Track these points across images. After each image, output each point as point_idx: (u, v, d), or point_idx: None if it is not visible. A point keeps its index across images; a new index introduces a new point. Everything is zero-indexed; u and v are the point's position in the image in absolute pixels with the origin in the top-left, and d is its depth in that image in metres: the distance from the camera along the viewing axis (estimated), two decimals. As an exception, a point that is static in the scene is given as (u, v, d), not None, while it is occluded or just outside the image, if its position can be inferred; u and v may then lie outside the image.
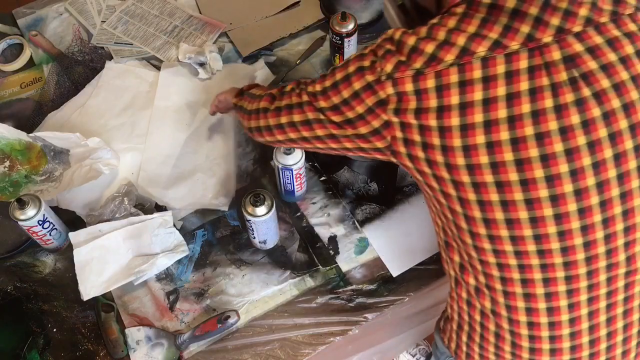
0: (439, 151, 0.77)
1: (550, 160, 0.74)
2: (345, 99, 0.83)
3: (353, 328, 1.10)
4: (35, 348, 1.08)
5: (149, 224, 1.13)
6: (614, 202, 0.76)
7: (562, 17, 0.74)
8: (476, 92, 0.74)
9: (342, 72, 0.85)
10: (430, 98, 0.76)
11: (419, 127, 0.77)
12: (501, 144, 0.74)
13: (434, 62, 0.75)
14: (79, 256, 1.10)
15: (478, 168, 0.75)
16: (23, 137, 1.25)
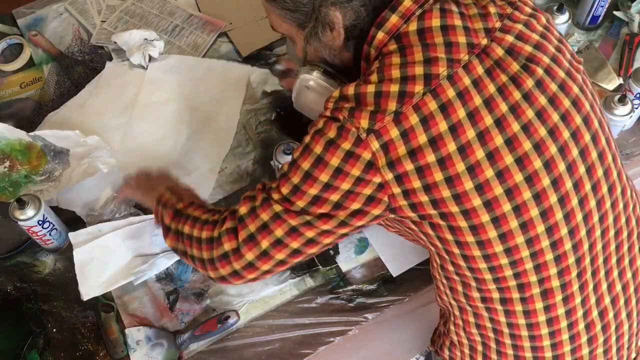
0: (444, 185, 0.75)
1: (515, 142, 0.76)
2: (326, 183, 0.77)
3: (353, 328, 1.10)
4: (35, 348, 1.08)
5: (149, 224, 1.13)
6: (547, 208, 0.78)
7: (482, 20, 0.78)
8: (458, 110, 0.74)
9: (307, 158, 0.78)
10: (418, 134, 0.74)
11: (417, 170, 0.75)
12: (499, 150, 0.75)
13: (406, 97, 0.74)
14: (78, 256, 1.10)
15: (487, 184, 0.76)
16: (23, 136, 1.25)
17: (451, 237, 0.80)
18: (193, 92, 1.36)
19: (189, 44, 1.45)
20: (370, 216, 0.80)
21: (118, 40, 1.40)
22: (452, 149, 0.74)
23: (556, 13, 1.30)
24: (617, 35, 1.44)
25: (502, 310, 0.86)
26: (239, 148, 1.30)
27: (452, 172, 0.75)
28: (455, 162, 0.74)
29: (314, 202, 0.79)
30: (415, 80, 0.74)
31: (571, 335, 0.86)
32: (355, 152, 0.75)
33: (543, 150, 0.76)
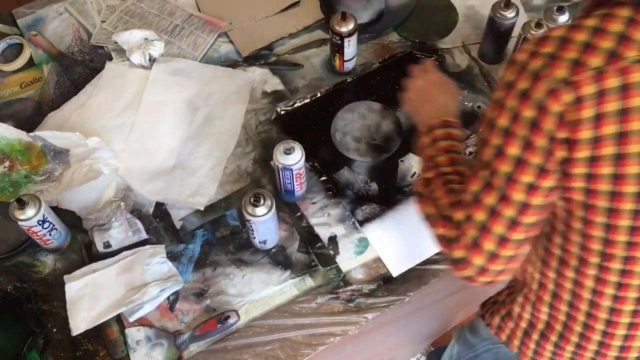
0: (610, 160, 0.71)
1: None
2: (519, 135, 0.74)
3: (353, 328, 1.10)
4: (35, 348, 1.08)
5: (141, 255, 1.13)
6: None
7: None
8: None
9: (503, 114, 0.75)
10: (611, 100, 0.69)
11: (594, 139, 0.70)
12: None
13: (615, 58, 0.68)
14: (70, 292, 1.09)
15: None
16: (23, 137, 1.25)
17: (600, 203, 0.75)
18: (197, 93, 1.36)
19: (189, 44, 1.45)
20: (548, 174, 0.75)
21: (118, 40, 1.40)
22: (637, 127, 0.69)
23: (556, 13, 1.30)
24: (617, 36, 1.44)
25: (589, 299, 0.83)
26: (239, 148, 1.30)
27: (622, 149, 0.70)
28: (631, 141, 0.70)
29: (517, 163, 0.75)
30: (632, 43, 0.68)
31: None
32: (546, 102, 0.71)
33: None
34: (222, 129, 1.32)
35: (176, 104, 1.35)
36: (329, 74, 1.41)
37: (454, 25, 1.48)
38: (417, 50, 1.44)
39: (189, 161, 1.28)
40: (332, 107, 1.35)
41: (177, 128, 1.32)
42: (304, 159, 1.12)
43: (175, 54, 1.44)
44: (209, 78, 1.39)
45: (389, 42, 1.46)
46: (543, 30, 1.27)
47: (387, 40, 1.46)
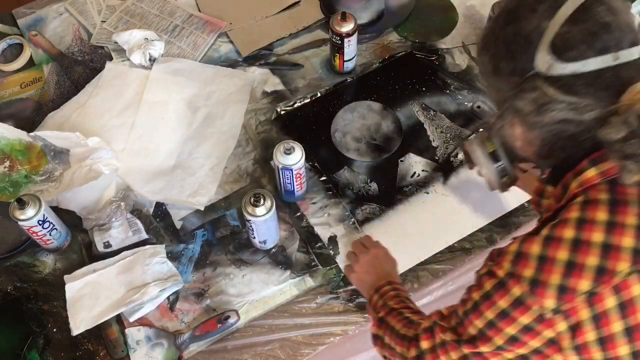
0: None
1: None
2: (500, 346, 0.72)
3: (353, 328, 1.10)
4: (35, 348, 1.08)
5: (141, 255, 1.13)
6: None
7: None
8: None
9: (479, 319, 0.73)
10: (613, 321, 0.65)
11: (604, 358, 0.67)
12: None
13: (605, 276, 0.65)
14: (70, 292, 1.10)
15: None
16: (23, 136, 1.25)
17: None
18: (197, 93, 1.36)
19: (189, 44, 1.45)
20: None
21: (118, 40, 1.40)
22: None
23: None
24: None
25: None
26: (239, 148, 1.30)
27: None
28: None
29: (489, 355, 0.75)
30: (620, 252, 0.64)
31: None
32: (536, 329, 0.68)
33: None
34: (222, 129, 1.32)
35: (176, 104, 1.35)
36: (329, 74, 1.41)
37: (454, 25, 1.48)
38: (417, 50, 1.44)
39: (189, 161, 1.28)
40: (332, 107, 1.35)
41: (177, 128, 1.32)
42: (304, 159, 1.12)
43: (175, 54, 1.44)
44: (209, 78, 1.39)
45: (389, 42, 1.46)
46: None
47: (387, 40, 1.46)
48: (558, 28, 0.68)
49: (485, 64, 0.78)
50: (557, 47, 0.68)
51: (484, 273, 0.75)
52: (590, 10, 0.68)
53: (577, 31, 0.67)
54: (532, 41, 0.70)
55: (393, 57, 1.43)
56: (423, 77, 1.40)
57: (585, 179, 0.70)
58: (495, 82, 0.77)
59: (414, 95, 1.37)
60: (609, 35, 0.67)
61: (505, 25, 0.73)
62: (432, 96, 1.37)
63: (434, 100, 1.36)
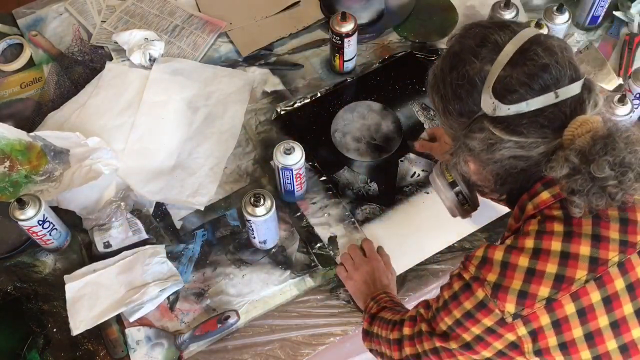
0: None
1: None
2: (467, 343, 0.74)
3: (353, 328, 1.10)
4: (35, 348, 1.08)
5: (141, 255, 1.13)
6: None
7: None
8: (625, 305, 0.66)
9: (447, 317, 0.76)
10: (574, 327, 0.67)
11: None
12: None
13: (564, 283, 0.67)
14: (70, 292, 1.10)
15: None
16: (23, 136, 1.25)
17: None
18: (197, 93, 1.36)
19: (189, 44, 1.45)
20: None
21: (118, 40, 1.40)
22: (611, 347, 0.67)
23: (556, 13, 1.30)
24: (617, 36, 1.44)
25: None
26: (239, 148, 1.30)
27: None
28: (613, 358, 0.67)
29: (456, 352, 0.77)
30: (578, 261, 0.67)
31: None
32: (498, 332, 0.70)
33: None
34: (222, 129, 1.32)
35: (176, 104, 1.35)
36: (329, 74, 1.41)
37: (454, 25, 1.48)
38: (417, 50, 1.44)
39: (189, 161, 1.28)
40: (332, 107, 1.35)
41: (177, 128, 1.32)
42: (304, 159, 1.12)
43: (175, 54, 1.44)
44: (209, 78, 1.39)
45: (389, 42, 1.46)
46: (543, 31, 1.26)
47: (387, 40, 1.46)
48: (499, 72, 0.71)
49: (435, 104, 0.82)
50: (499, 91, 0.71)
51: (455, 274, 0.78)
52: (528, 53, 0.71)
53: (517, 74, 0.71)
54: (476, 85, 0.73)
55: (393, 57, 1.43)
56: (423, 77, 1.39)
57: (540, 201, 0.74)
58: (447, 121, 0.80)
59: (414, 95, 1.37)
60: (548, 75, 0.70)
61: (451, 69, 0.76)
62: (432, 96, 1.36)
63: (434, 100, 1.36)
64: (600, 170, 0.64)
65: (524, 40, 0.72)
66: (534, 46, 0.72)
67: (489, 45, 0.73)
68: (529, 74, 0.70)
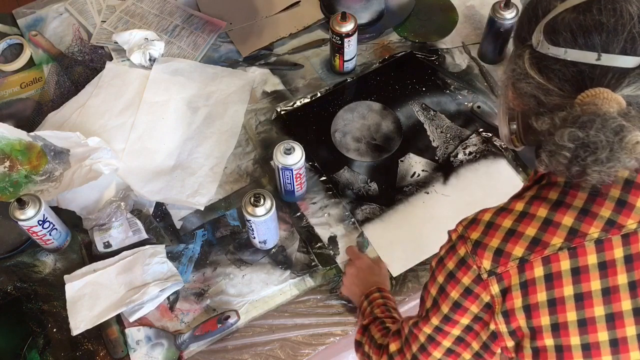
0: (553, 353, 0.69)
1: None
2: (445, 315, 0.76)
3: (353, 328, 1.10)
4: (35, 348, 1.08)
5: (141, 255, 1.13)
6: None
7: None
8: (593, 281, 0.66)
9: (433, 285, 0.77)
10: (539, 291, 0.68)
11: (530, 330, 0.69)
12: (627, 341, 0.67)
13: (538, 246, 0.68)
14: (70, 292, 1.10)
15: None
16: (23, 136, 1.25)
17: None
18: (197, 93, 1.37)
19: (189, 44, 1.45)
20: None
21: (118, 40, 1.40)
22: (571, 318, 0.67)
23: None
24: (617, 36, 1.44)
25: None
26: (239, 148, 1.30)
27: (564, 342, 0.68)
28: (570, 334, 0.67)
29: (437, 332, 0.78)
30: (557, 229, 0.67)
31: None
32: (475, 291, 0.71)
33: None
34: (222, 129, 1.32)
35: (176, 104, 1.35)
36: (329, 74, 1.41)
37: (454, 25, 1.48)
38: (417, 50, 1.44)
39: (189, 161, 1.28)
40: (332, 107, 1.35)
41: (177, 128, 1.32)
42: (304, 159, 1.12)
43: (175, 54, 1.44)
44: (209, 78, 1.39)
45: (389, 42, 1.46)
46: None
47: (387, 40, 1.46)
48: (561, 10, 0.69)
49: (513, 34, 0.81)
50: (549, 28, 0.70)
51: (443, 244, 0.79)
52: (597, 4, 0.69)
53: (572, 20, 0.69)
54: (539, 15, 0.72)
55: (393, 57, 1.43)
56: (423, 77, 1.40)
57: None
58: (513, 43, 0.80)
59: (414, 95, 1.37)
60: (599, 35, 0.67)
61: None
62: (432, 96, 1.37)
63: (434, 100, 1.36)
64: (560, 138, 0.64)
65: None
66: (606, 2, 0.68)
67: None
68: (581, 26, 0.68)
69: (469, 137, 1.30)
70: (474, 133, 1.31)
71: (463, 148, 1.29)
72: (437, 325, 0.77)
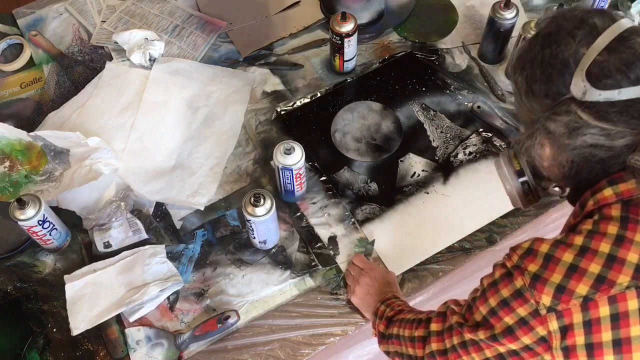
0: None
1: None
2: (495, 336, 0.74)
3: (353, 328, 1.10)
4: (35, 348, 1.08)
5: (141, 255, 1.13)
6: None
7: None
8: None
9: (483, 305, 0.76)
10: (604, 330, 0.66)
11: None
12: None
13: (604, 284, 0.66)
14: (70, 292, 1.10)
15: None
16: (23, 136, 1.25)
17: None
18: (197, 93, 1.37)
19: (189, 44, 1.45)
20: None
21: (118, 40, 1.40)
22: (637, 358, 0.66)
23: (556, 13, 1.30)
24: (617, 36, 1.44)
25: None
26: (239, 148, 1.30)
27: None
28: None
29: (482, 342, 0.77)
30: (623, 266, 0.66)
31: None
32: (530, 323, 0.70)
33: None
34: (222, 129, 1.32)
35: (176, 104, 1.35)
36: (329, 74, 1.41)
37: (454, 25, 1.48)
38: (417, 50, 1.44)
39: (189, 161, 1.28)
40: (332, 107, 1.35)
41: (177, 128, 1.32)
42: (304, 159, 1.12)
43: (175, 54, 1.44)
44: (209, 78, 1.39)
45: (389, 42, 1.46)
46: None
47: (387, 40, 1.46)
48: (595, 55, 0.69)
49: (519, 84, 0.79)
50: (593, 75, 0.69)
51: (498, 264, 0.77)
52: (627, 41, 0.70)
53: (614, 60, 0.69)
54: (569, 66, 0.71)
55: (393, 57, 1.43)
56: (423, 77, 1.40)
57: (602, 198, 0.73)
58: (528, 103, 0.78)
59: (414, 95, 1.37)
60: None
61: (543, 49, 0.75)
62: (432, 96, 1.37)
63: (434, 100, 1.36)
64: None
65: (623, 28, 0.70)
66: (633, 35, 0.70)
67: (586, 27, 0.71)
68: (627, 62, 0.68)
69: (469, 137, 1.30)
70: (474, 133, 1.31)
71: (463, 148, 1.29)
72: (483, 339, 0.76)
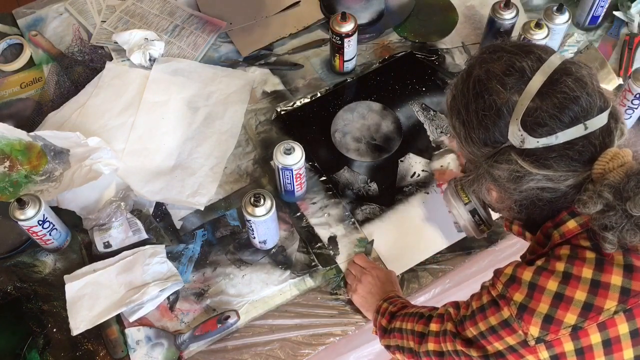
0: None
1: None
2: (486, 355, 0.74)
3: (353, 328, 1.10)
4: (35, 348, 1.08)
5: (141, 255, 1.13)
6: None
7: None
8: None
9: (473, 326, 0.76)
10: (597, 356, 0.66)
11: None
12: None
13: (592, 312, 0.66)
14: (70, 292, 1.10)
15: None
16: (23, 136, 1.25)
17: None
18: (197, 93, 1.37)
19: (189, 44, 1.45)
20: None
21: (118, 40, 1.40)
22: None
23: (556, 13, 1.30)
24: (616, 36, 1.44)
25: None
26: (239, 148, 1.30)
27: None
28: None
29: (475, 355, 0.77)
30: (608, 290, 0.66)
31: None
32: (520, 352, 0.70)
33: None
34: (222, 129, 1.32)
35: (176, 104, 1.35)
36: (329, 74, 1.41)
37: (454, 25, 1.48)
38: (417, 50, 1.44)
39: (189, 161, 1.28)
40: (332, 107, 1.35)
41: (177, 128, 1.32)
42: (304, 159, 1.12)
43: (175, 54, 1.44)
44: (209, 78, 1.39)
45: (389, 42, 1.46)
46: (543, 32, 1.26)
47: (387, 40, 1.46)
48: (528, 102, 0.70)
49: (457, 129, 0.80)
50: (528, 124, 0.70)
51: (486, 285, 0.77)
52: (558, 84, 0.70)
53: (546, 107, 0.69)
54: (503, 115, 0.72)
55: (393, 57, 1.43)
56: (423, 77, 1.40)
57: (567, 230, 0.73)
58: (468, 147, 0.79)
59: (414, 95, 1.37)
60: (578, 107, 0.69)
61: (476, 97, 0.75)
62: (432, 96, 1.37)
63: (434, 100, 1.36)
64: (637, 208, 0.63)
65: (552, 69, 0.71)
66: (564, 77, 0.70)
67: (516, 73, 0.72)
68: (559, 107, 0.69)
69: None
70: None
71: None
72: (475, 357, 0.76)
